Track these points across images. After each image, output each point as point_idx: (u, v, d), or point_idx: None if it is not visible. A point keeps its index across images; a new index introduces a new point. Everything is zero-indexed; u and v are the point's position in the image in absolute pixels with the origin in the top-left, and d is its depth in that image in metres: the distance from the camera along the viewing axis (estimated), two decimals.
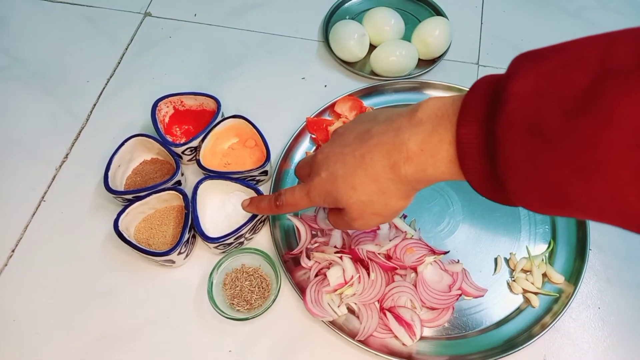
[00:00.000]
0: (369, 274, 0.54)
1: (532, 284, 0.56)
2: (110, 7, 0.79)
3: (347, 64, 0.72)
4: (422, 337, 0.53)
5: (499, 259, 0.58)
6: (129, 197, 0.57)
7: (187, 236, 0.54)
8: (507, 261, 0.58)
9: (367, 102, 0.68)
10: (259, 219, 0.56)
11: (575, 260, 0.58)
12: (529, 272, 0.57)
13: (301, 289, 0.54)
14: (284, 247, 0.58)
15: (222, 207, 0.58)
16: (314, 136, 0.66)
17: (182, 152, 0.61)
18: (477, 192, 0.36)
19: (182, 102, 0.64)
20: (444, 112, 0.36)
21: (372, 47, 0.72)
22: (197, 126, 0.65)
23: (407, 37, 0.73)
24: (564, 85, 0.28)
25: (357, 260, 0.55)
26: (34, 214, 0.61)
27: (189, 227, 0.55)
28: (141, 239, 0.57)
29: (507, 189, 0.32)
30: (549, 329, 0.53)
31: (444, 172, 0.37)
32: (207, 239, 0.54)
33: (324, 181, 0.42)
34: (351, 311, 0.54)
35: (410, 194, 0.41)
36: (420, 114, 0.37)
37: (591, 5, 0.80)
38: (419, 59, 0.71)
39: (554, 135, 0.28)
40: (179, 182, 0.60)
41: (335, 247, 0.56)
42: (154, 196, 0.57)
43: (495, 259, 0.58)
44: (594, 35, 0.29)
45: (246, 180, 0.60)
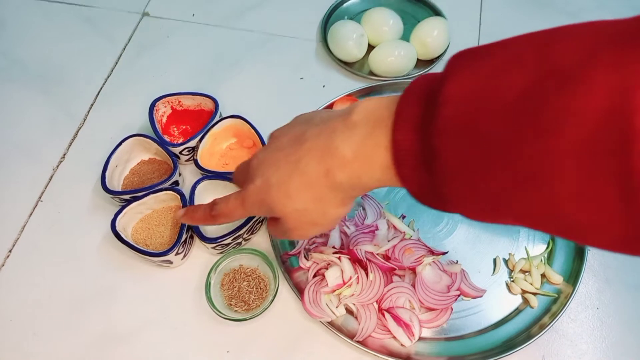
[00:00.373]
0: (367, 275, 0.54)
1: (531, 284, 0.56)
2: (108, 7, 0.79)
3: (345, 64, 0.72)
4: (420, 338, 0.52)
5: (498, 260, 0.58)
6: (127, 197, 0.57)
7: (184, 236, 0.54)
8: (505, 262, 0.58)
9: None
10: (256, 220, 0.56)
11: (574, 260, 0.58)
12: (527, 272, 0.57)
13: (299, 289, 0.54)
14: (282, 247, 0.58)
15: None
16: None
17: (180, 152, 0.61)
18: (414, 199, 0.34)
19: (179, 102, 0.64)
20: (379, 114, 0.34)
21: (370, 47, 0.72)
22: (195, 126, 0.65)
23: (405, 37, 0.73)
24: (501, 88, 0.26)
25: (356, 260, 0.55)
26: (31, 214, 0.61)
27: (187, 227, 0.55)
28: (139, 240, 0.57)
29: (445, 198, 0.31)
30: (547, 330, 0.52)
31: (380, 179, 0.35)
32: (205, 239, 0.54)
33: (258, 189, 0.39)
34: (349, 312, 0.54)
35: (347, 201, 0.39)
36: (354, 116, 0.35)
37: (590, 6, 0.80)
38: (418, 59, 0.71)
39: (491, 143, 0.27)
40: (176, 183, 0.60)
41: (333, 247, 0.56)
42: (152, 196, 0.57)
43: (494, 260, 0.58)
44: (533, 32, 0.28)
45: None
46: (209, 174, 0.59)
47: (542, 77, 0.25)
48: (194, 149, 0.61)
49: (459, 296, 0.55)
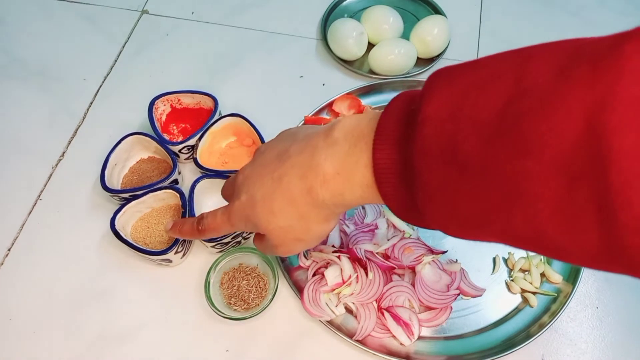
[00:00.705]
0: (367, 274, 0.54)
1: (531, 283, 0.56)
2: (107, 4, 0.79)
3: (345, 63, 0.72)
4: (420, 337, 0.52)
5: (498, 259, 0.58)
6: (126, 195, 0.57)
7: None
8: (505, 261, 0.58)
9: (365, 101, 0.68)
10: None
11: None
12: (527, 271, 0.57)
13: (299, 288, 0.54)
14: None
15: (219, 206, 0.58)
16: None
17: (179, 151, 0.61)
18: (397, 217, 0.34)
19: (179, 100, 0.64)
20: (360, 131, 0.34)
21: (370, 45, 0.72)
22: (194, 125, 0.65)
23: (405, 35, 0.73)
24: (478, 107, 0.26)
25: (355, 259, 0.54)
26: (30, 213, 0.61)
27: None
28: (138, 238, 0.57)
29: (426, 216, 0.31)
30: (547, 329, 0.53)
31: (362, 196, 0.35)
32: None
33: (244, 205, 0.39)
34: (349, 311, 0.54)
35: (331, 218, 0.39)
36: (336, 132, 0.35)
37: (590, 4, 0.80)
38: (418, 57, 0.71)
39: (469, 164, 0.26)
40: (176, 181, 0.60)
41: (333, 246, 0.56)
42: (151, 195, 0.57)
43: (493, 259, 0.58)
44: (512, 50, 0.28)
45: None
46: (209, 173, 0.59)
47: (518, 97, 0.25)
48: (194, 148, 0.61)
49: (459, 295, 0.55)
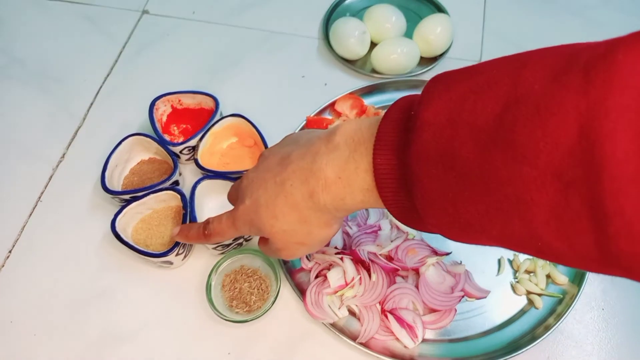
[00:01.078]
0: (370, 276, 0.53)
1: (536, 285, 0.55)
2: (107, 5, 0.78)
3: (347, 62, 0.71)
4: (424, 340, 0.52)
5: (502, 260, 0.57)
6: (127, 197, 0.57)
7: None
8: (510, 262, 0.57)
9: (367, 101, 0.67)
10: None
11: None
12: (532, 273, 0.56)
13: (301, 290, 0.54)
14: None
15: (221, 208, 0.57)
16: None
17: (180, 152, 0.60)
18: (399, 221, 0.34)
19: (180, 100, 0.64)
20: (360, 136, 0.34)
21: (373, 44, 0.72)
22: (195, 125, 0.65)
23: (408, 34, 0.73)
24: (475, 113, 0.27)
25: (358, 261, 0.54)
26: (30, 215, 0.60)
27: None
28: (139, 240, 0.56)
29: (425, 220, 0.31)
30: (552, 331, 0.52)
31: (363, 200, 0.35)
32: None
33: (248, 209, 0.40)
34: (352, 313, 0.54)
35: (332, 222, 0.39)
36: (337, 137, 0.35)
37: (594, 3, 0.79)
38: (421, 56, 0.70)
39: (467, 169, 0.27)
40: (176, 182, 0.59)
41: (335, 248, 0.55)
42: (152, 196, 0.56)
43: (498, 260, 0.57)
44: (509, 55, 0.28)
45: None
46: (210, 174, 0.58)
47: (514, 103, 0.25)
48: (195, 148, 0.61)
49: (463, 297, 0.54)
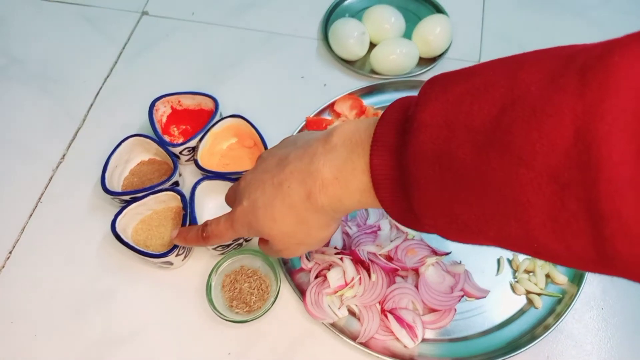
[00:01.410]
0: (369, 276, 0.53)
1: (535, 284, 0.55)
2: (107, 6, 0.78)
3: (347, 63, 0.71)
4: (423, 339, 0.52)
5: (502, 260, 0.57)
6: (126, 198, 0.57)
7: None
8: (509, 262, 0.57)
9: (367, 101, 0.67)
10: None
11: None
12: (532, 272, 0.56)
13: (301, 290, 0.54)
14: None
15: (221, 208, 0.58)
16: None
17: (180, 153, 0.60)
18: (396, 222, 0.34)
19: (179, 101, 0.64)
20: (358, 138, 0.34)
21: (372, 45, 0.72)
22: (195, 126, 0.65)
23: (407, 35, 0.73)
24: (472, 115, 0.27)
25: (358, 261, 0.54)
26: (31, 216, 0.61)
27: None
28: (139, 241, 0.56)
29: (423, 221, 0.31)
30: (552, 330, 0.52)
31: (360, 201, 0.35)
32: None
33: (246, 211, 0.40)
34: (352, 313, 0.54)
35: (330, 223, 0.39)
36: (335, 138, 0.36)
37: (595, 4, 0.79)
38: (420, 57, 0.71)
39: (464, 171, 0.27)
40: (176, 183, 0.59)
41: (335, 248, 0.55)
42: (152, 197, 0.56)
43: (498, 260, 0.57)
44: (506, 57, 0.28)
45: None
46: (210, 174, 0.58)
47: (511, 104, 0.25)
48: (194, 149, 0.61)
49: (463, 297, 0.54)
